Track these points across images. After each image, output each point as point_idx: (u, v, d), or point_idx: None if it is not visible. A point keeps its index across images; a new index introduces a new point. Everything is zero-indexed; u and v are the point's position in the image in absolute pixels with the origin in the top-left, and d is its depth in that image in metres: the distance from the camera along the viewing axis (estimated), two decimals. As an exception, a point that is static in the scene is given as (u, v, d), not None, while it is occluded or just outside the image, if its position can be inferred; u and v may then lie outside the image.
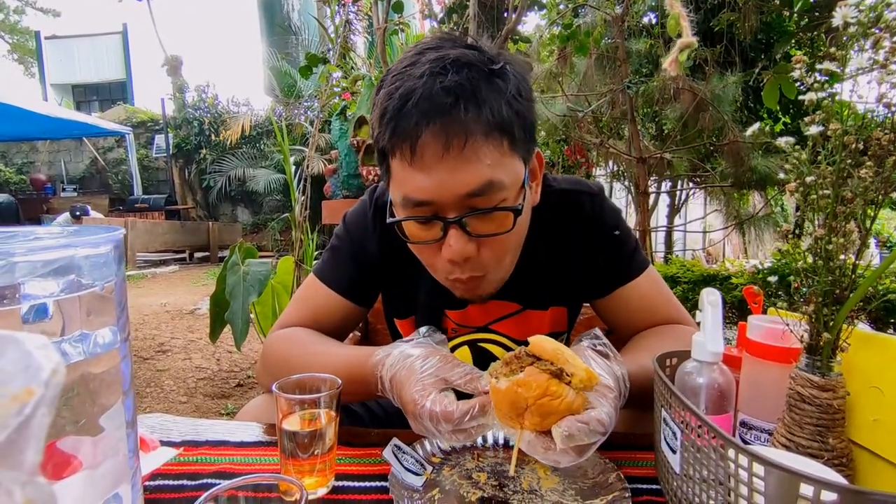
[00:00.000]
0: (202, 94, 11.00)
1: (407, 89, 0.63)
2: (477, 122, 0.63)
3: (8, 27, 18.00)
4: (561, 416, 0.54)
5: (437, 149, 0.63)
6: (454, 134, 0.62)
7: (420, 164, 0.64)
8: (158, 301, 5.32)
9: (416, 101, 0.62)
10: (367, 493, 0.61)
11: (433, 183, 0.64)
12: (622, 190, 5.47)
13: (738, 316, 2.93)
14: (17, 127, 8.41)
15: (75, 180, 11.31)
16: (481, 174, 0.64)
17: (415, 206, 0.67)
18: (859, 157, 0.50)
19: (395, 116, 0.64)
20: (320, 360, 0.76)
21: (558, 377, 0.55)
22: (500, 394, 0.56)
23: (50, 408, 0.22)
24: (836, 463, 0.52)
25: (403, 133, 0.63)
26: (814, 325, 0.53)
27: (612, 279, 0.86)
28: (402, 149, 0.64)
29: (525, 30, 3.20)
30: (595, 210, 0.85)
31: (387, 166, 0.70)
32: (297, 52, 9.15)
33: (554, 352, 0.56)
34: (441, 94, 0.62)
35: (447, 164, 0.63)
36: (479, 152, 0.64)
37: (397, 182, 0.68)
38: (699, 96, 3.05)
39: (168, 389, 2.97)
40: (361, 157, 2.16)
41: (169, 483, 0.63)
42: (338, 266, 0.89)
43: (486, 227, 0.68)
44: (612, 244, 0.86)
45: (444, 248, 0.69)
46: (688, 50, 0.60)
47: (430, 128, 0.62)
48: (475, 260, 0.70)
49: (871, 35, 0.50)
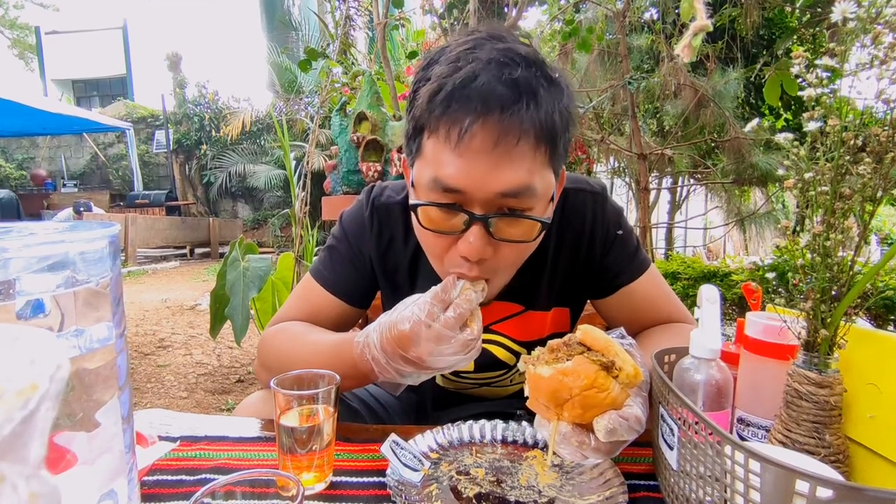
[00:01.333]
0: (202, 89, 10.98)
1: (471, 71, 0.60)
2: (532, 124, 0.61)
3: (8, 22, 17.96)
4: (602, 411, 0.53)
5: (488, 141, 0.60)
6: (509, 130, 0.60)
7: (464, 151, 0.61)
8: (159, 297, 5.33)
9: (479, 86, 0.60)
10: (365, 488, 0.61)
11: (473, 173, 0.62)
12: (623, 186, 5.46)
13: (738, 313, 2.93)
14: (18, 122, 8.41)
15: (76, 176, 11.31)
16: (522, 177, 0.62)
17: (444, 192, 0.64)
18: (858, 153, 0.50)
19: (451, 96, 0.61)
20: (310, 349, 0.76)
21: (607, 370, 0.54)
22: (541, 381, 0.55)
23: (54, 402, 0.22)
24: (832, 459, 0.52)
25: (456, 115, 0.61)
26: (812, 322, 0.53)
27: (615, 279, 0.86)
28: (449, 130, 0.61)
29: (526, 25, 3.19)
30: (598, 210, 0.84)
31: (420, 143, 0.67)
32: (297, 48, 9.14)
33: (606, 343, 0.56)
34: (507, 85, 0.60)
35: (493, 159, 0.61)
36: (525, 155, 0.62)
37: (430, 162, 0.65)
38: (700, 92, 3.04)
39: (168, 385, 2.98)
40: (361, 153, 2.15)
41: (167, 478, 0.63)
42: (334, 268, 0.89)
43: (511, 233, 0.67)
44: (614, 244, 0.85)
45: (461, 242, 0.66)
46: (702, 34, 0.60)
47: (487, 117, 0.60)
48: (488, 263, 0.68)
49: (870, 31, 0.49)
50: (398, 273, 0.88)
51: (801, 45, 3.88)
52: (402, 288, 0.89)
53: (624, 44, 2.68)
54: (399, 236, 0.86)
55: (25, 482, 0.20)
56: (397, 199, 0.87)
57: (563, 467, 0.66)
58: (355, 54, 3.43)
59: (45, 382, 0.22)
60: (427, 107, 0.63)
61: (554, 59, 3.50)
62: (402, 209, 0.86)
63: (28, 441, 0.21)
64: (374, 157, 2.17)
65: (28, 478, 0.21)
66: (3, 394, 0.21)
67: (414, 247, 0.85)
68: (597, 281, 0.87)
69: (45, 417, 0.22)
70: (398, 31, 3.55)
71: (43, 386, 0.22)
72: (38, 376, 0.22)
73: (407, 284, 0.88)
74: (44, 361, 0.22)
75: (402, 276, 0.88)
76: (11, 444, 0.20)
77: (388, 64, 2.54)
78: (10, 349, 0.23)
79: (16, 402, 0.21)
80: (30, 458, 0.21)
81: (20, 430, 0.20)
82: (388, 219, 0.86)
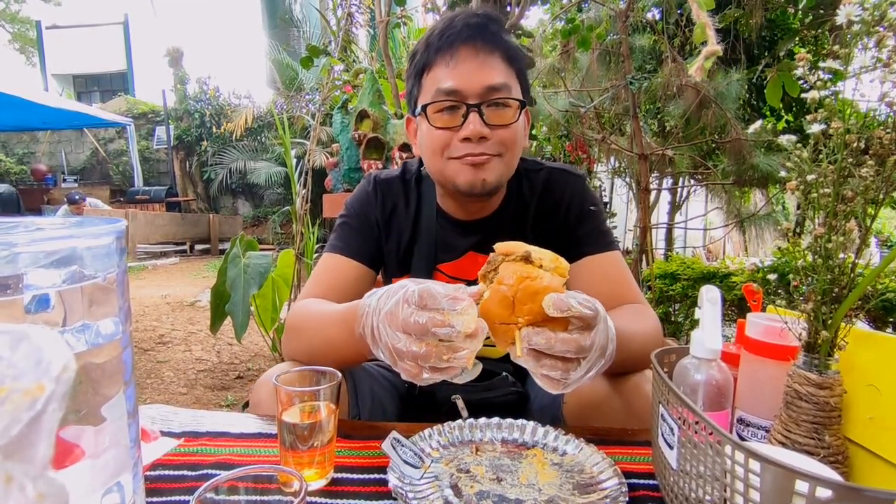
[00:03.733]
0: (203, 85, 10.96)
1: (449, 19, 0.88)
2: (502, 44, 0.88)
3: (9, 16, 17.91)
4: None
5: (472, 53, 0.86)
6: (485, 43, 0.86)
7: (455, 64, 0.86)
8: (159, 292, 5.33)
9: (458, 22, 0.86)
10: (366, 485, 0.61)
11: (465, 75, 0.85)
12: (623, 186, 5.46)
13: (737, 313, 2.93)
14: (18, 117, 8.39)
15: (76, 171, 11.30)
16: (501, 76, 0.87)
17: (446, 95, 0.86)
18: (860, 156, 0.50)
19: (441, 34, 0.87)
20: (323, 319, 0.79)
21: (528, 261, 0.59)
22: (488, 303, 0.57)
23: (60, 403, 0.22)
24: (831, 460, 0.53)
25: (447, 43, 0.86)
26: (812, 324, 0.54)
27: (583, 246, 0.96)
28: (444, 55, 0.87)
29: (528, 24, 3.18)
30: (577, 188, 1.00)
31: (421, 83, 0.91)
32: (298, 45, 9.13)
33: (518, 245, 0.61)
34: (479, 18, 0.87)
35: (477, 64, 0.86)
36: (501, 64, 0.88)
37: (433, 82, 0.88)
38: (702, 93, 3.04)
39: (168, 381, 2.98)
40: (363, 151, 2.15)
41: (169, 473, 0.63)
42: (347, 238, 1.00)
43: (498, 119, 0.87)
44: (587, 217, 0.98)
45: (462, 129, 0.86)
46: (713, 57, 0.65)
47: (467, 40, 0.86)
48: (489, 143, 0.86)
49: (874, 33, 0.50)
50: (399, 235, 1.01)
51: (804, 46, 3.87)
52: (402, 248, 1.01)
53: (626, 43, 2.68)
54: (401, 203, 1.03)
55: (32, 482, 0.20)
56: (395, 174, 1.05)
57: (564, 466, 0.66)
58: (357, 52, 3.42)
59: (52, 383, 0.22)
60: (423, 53, 0.90)
61: (555, 58, 3.49)
62: (400, 181, 1.04)
63: (35, 441, 0.21)
64: (375, 155, 2.17)
65: (35, 478, 0.21)
66: (11, 395, 0.21)
67: (415, 211, 1.02)
68: (566, 248, 0.93)
69: (52, 418, 0.22)
70: (400, 29, 3.54)
71: (49, 387, 0.22)
72: (45, 377, 0.22)
73: (406, 245, 1.01)
74: (50, 362, 0.23)
75: (404, 238, 1.01)
76: (19, 445, 0.20)
77: (390, 62, 2.54)
78: (16, 350, 0.23)
79: (23, 403, 0.21)
80: (37, 458, 0.21)
81: (27, 430, 0.20)
82: (389, 190, 1.03)
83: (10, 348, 0.23)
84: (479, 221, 1.00)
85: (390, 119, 2.23)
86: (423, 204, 1.02)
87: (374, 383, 0.95)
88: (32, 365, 0.22)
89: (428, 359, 0.55)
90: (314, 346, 0.80)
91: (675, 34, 3.53)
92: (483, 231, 0.99)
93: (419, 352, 0.55)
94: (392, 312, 0.58)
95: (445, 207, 1.01)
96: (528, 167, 1.02)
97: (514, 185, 0.99)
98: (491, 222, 1.00)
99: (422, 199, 1.02)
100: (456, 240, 1.01)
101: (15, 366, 0.22)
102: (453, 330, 0.54)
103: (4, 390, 0.21)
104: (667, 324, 3.11)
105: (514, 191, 1.00)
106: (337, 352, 0.76)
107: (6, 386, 0.21)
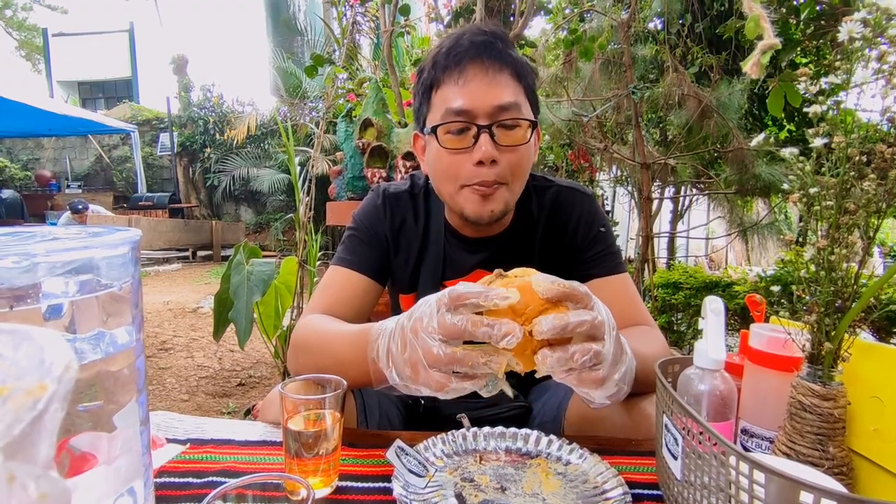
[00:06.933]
0: (207, 92, 11.03)
1: (455, 37, 0.86)
2: (510, 61, 0.86)
3: (15, 24, 18.08)
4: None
5: (481, 72, 0.84)
6: (493, 61, 0.84)
7: (465, 83, 0.84)
8: (161, 299, 5.34)
9: (466, 40, 0.85)
10: (370, 493, 0.62)
11: (474, 95, 0.83)
12: (626, 195, 5.46)
13: (740, 323, 2.92)
14: (23, 123, 8.45)
15: (80, 177, 11.35)
16: (510, 94, 0.85)
17: (455, 115, 0.84)
18: (863, 169, 0.51)
19: (448, 51, 0.85)
20: (332, 338, 0.79)
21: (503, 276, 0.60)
22: (494, 313, 0.56)
23: (62, 403, 0.22)
24: (836, 472, 0.53)
25: (455, 61, 0.84)
26: (816, 335, 0.54)
27: (591, 268, 0.95)
28: (452, 73, 0.85)
29: (531, 34, 3.20)
30: (586, 207, 0.99)
31: (429, 100, 0.89)
32: (302, 53, 9.19)
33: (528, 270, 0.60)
34: (486, 36, 0.85)
35: (486, 82, 0.84)
36: (509, 82, 0.86)
37: (442, 101, 0.86)
38: (704, 103, 3.05)
39: (170, 387, 2.98)
40: (366, 160, 2.16)
41: (175, 480, 0.63)
42: (354, 251, 0.99)
43: (509, 139, 0.85)
44: (596, 238, 0.97)
45: (474, 151, 0.84)
46: (770, 51, 0.63)
47: (475, 57, 0.84)
48: (500, 168, 0.84)
49: (877, 45, 0.50)
50: (411, 251, 1.01)
51: (805, 56, 3.89)
52: (409, 265, 1.01)
53: (628, 53, 2.69)
54: (410, 218, 1.02)
55: (35, 482, 0.21)
56: (404, 188, 1.04)
57: (568, 475, 0.66)
58: (361, 60, 3.45)
59: (54, 383, 0.22)
60: (430, 71, 0.88)
61: (558, 67, 3.51)
62: (409, 196, 1.03)
63: (37, 441, 0.21)
64: (378, 164, 2.18)
65: (37, 478, 0.21)
66: (13, 394, 0.21)
67: (423, 227, 1.01)
68: (574, 268, 0.96)
69: (54, 418, 0.22)
70: (403, 39, 3.57)
71: (52, 386, 0.22)
72: (47, 377, 0.22)
73: (413, 263, 1.01)
74: (53, 362, 0.23)
75: (413, 253, 1.01)
76: (21, 445, 0.20)
77: (394, 71, 2.55)
78: (18, 350, 0.23)
79: (25, 402, 0.21)
80: (39, 458, 0.21)
81: (29, 430, 0.20)
82: (398, 204, 1.02)
83: (13, 348, 0.24)
84: (486, 239, 1.00)
85: (394, 128, 2.24)
86: (431, 220, 1.02)
87: (382, 397, 0.95)
88: (34, 365, 0.22)
89: (465, 362, 0.54)
90: (321, 365, 0.77)
91: (676, 44, 3.55)
92: (491, 248, 0.99)
93: (456, 355, 0.54)
94: (423, 318, 0.57)
95: (453, 223, 1.00)
96: (537, 184, 1.01)
97: (523, 203, 0.99)
98: (499, 240, 0.99)
99: (430, 215, 1.02)
100: (463, 257, 1.00)
101: (17, 365, 0.22)
102: (491, 330, 0.53)
103: (6, 390, 0.21)
104: (669, 333, 3.11)
105: (522, 208, 1.00)
106: (346, 372, 0.74)
107: (8, 385, 0.21)
